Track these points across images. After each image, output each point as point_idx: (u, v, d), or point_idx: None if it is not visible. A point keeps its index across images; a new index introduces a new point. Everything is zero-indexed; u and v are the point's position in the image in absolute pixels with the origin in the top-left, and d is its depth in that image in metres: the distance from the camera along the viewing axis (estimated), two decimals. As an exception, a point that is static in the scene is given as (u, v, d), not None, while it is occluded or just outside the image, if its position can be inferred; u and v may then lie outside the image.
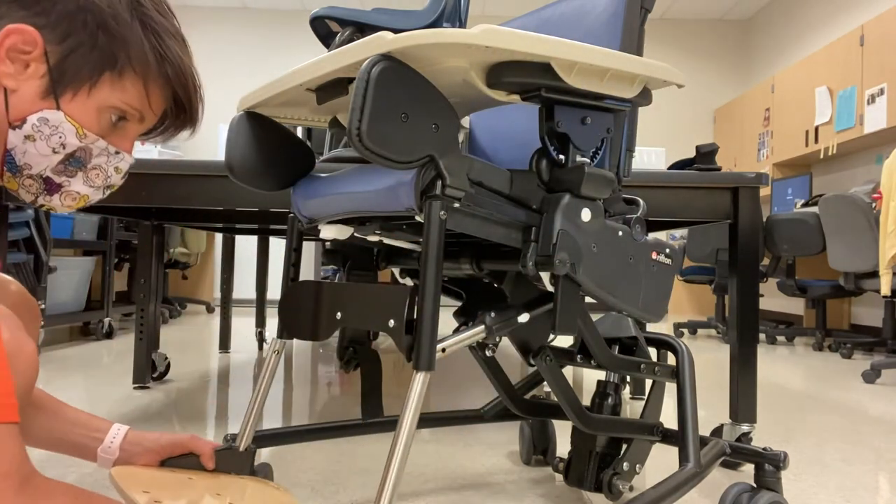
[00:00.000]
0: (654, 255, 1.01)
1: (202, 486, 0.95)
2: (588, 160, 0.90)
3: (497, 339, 1.09)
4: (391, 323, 0.82)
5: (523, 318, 0.98)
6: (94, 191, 0.80)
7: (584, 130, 0.88)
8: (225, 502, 0.90)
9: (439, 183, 0.78)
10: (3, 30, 0.69)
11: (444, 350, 0.86)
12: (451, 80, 0.83)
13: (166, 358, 2.50)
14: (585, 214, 0.90)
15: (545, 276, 0.90)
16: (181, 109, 0.84)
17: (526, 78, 0.79)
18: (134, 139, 0.82)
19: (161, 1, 0.80)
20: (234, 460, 1.04)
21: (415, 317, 0.79)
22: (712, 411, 2.18)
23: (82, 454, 0.94)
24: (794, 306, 5.42)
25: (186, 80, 0.82)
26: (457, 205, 0.80)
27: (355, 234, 1.07)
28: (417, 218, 0.80)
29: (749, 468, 1.37)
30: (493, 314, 0.95)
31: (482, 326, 0.94)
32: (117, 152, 0.79)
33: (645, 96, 0.92)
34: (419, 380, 0.77)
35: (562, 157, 0.89)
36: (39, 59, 0.71)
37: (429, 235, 0.78)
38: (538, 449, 1.53)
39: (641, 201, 1.04)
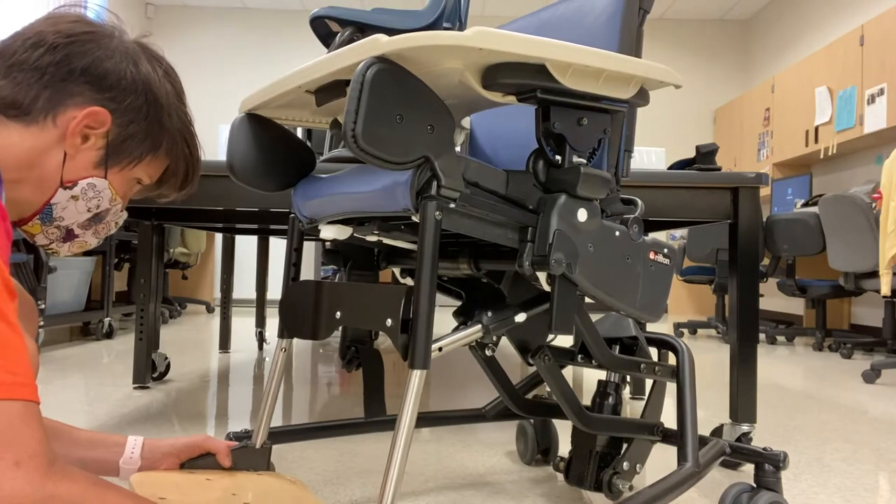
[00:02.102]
0: (651, 255, 1.01)
1: (220, 486, 0.97)
2: (584, 160, 0.90)
3: (495, 339, 1.09)
4: (388, 322, 0.83)
5: (520, 317, 0.98)
6: (97, 241, 0.91)
7: (580, 131, 0.89)
8: (240, 502, 0.92)
9: (435, 183, 0.78)
10: (87, 110, 0.79)
11: (440, 349, 0.86)
12: (448, 82, 0.83)
13: (166, 358, 2.51)
14: (582, 215, 0.90)
15: (542, 275, 0.90)
16: (184, 182, 0.95)
17: (521, 79, 0.79)
18: (133, 194, 0.93)
19: (180, 82, 0.94)
20: (252, 457, 1.07)
21: (410, 316, 0.79)
22: (712, 411, 2.18)
23: (105, 471, 0.97)
24: (794, 306, 5.42)
25: (198, 162, 0.95)
26: (452, 205, 0.81)
27: (355, 234, 1.07)
28: (413, 218, 0.81)
29: (749, 468, 1.37)
30: (489, 314, 0.95)
31: (479, 326, 0.95)
32: (122, 210, 0.91)
33: (642, 97, 0.92)
34: (415, 378, 0.77)
35: (558, 157, 0.89)
36: (101, 136, 0.81)
37: (424, 235, 0.78)
38: (540, 448, 1.53)
39: (639, 201, 1.04)
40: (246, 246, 5.78)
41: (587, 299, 1.02)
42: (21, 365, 0.64)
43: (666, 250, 1.04)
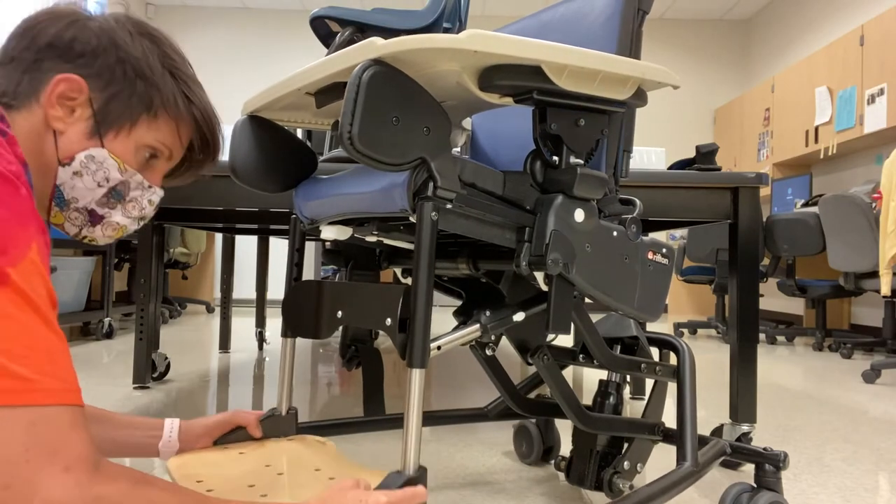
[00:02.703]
0: (650, 255, 1.02)
1: (253, 458, 1.01)
2: (582, 161, 0.91)
3: (494, 338, 1.09)
4: (387, 321, 0.83)
5: (518, 317, 0.99)
6: (131, 221, 0.88)
7: (577, 132, 0.89)
8: (273, 473, 0.96)
9: (431, 184, 0.79)
10: (54, 79, 0.78)
11: (439, 348, 0.87)
12: (445, 84, 0.83)
13: (166, 358, 2.51)
14: (579, 215, 0.90)
15: (539, 275, 0.90)
16: (205, 146, 0.92)
17: (517, 81, 0.80)
18: (162, 174, 0.90)
19: (181, 52, 0.93)
20: (280, 424, 1.11)
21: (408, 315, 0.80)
22: (712, 411, 2.19)
23: (144, 453, 1.02)
24: (794, 306, 5.42)
25: (211, 120, 0.92)
26: (449, 206, 0.81)
27: (355, 235, 1.07)
28: (411, 219, 0.81)
29: (749, 468, 1.38)
30: (488, 313, 0.95)
31: (477, 325, 0.95)
32: (150, 186, 0.88)
33: (639, 98, 0.92)
34: (414, 376, 0.78)
35: (555, 158, 0.89)
36: (85, 105, 0.80)
37: (421, 236, 0.78)
38: (544, 447, 1.53)
39: (638, 201, 1.05)
40: (246, 246, 5.78)
41: (587, 299, 1.02)
42: (68, 371, 0.66)
43: (664, 250, 1.04)
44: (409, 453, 0.78)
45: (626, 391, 2.38)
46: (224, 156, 1.00)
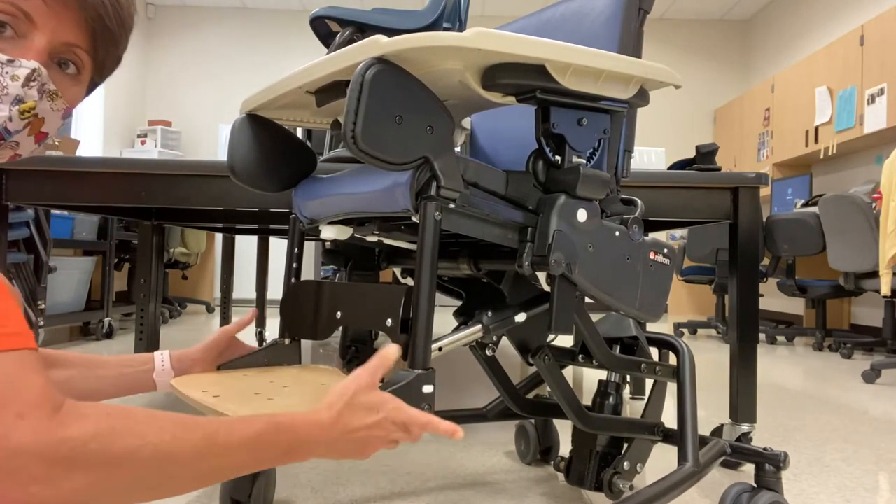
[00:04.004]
0: (651, 255, 1.02)
1: (257, 376, 1.01)
2: (584, 161, 0.91)
3: (495, 339, 1.09)
4: (388, 322, 0.83)
5: (520, 317, 0.98)
6: None
7: (580, 131, 0.89)
8: (279, 386, 0.95)
9: (434, 184, 0.78)
10: None
11: (440, 349, 0.87)
12: (448, 82, 0.83)
13: (166, 358, 2.50)
14: (581, 215, 0.90)
15: (541, 276, 0.90)
16: (103, 26, 0.75)
17: (520, 80, 0.79)
18: (40, 48, 0.72)
19: None
20: (283, 352, 1.10)
21: (410, 316, 0.79)
22: (712, 411, 2.19)
23: (140, 388, 0.99)
24: (794, 306, 5.42)
25: None
26: (452, 205, 0.81)
27: (355, 235, 1.07)
28: (413, 218, 0.81)
29: (749, 468, 1.37)
30: (489, 314, 0.95)
31: (479, 326, 0.95)
32: (10, 60, 0.70)
33: (642, 97, 0.92)
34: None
35: (558, 157, 0.89)
36: None
37: (424, 235, 0.78)
38: (542, 448, 1.53)
39: (639, 201, 1.05)
40: (246, 246, 5.78)
41: (587, 299, 1.02)
42: (9, 317, 0.60)
43: (666, 250, 1.04)
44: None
45: (626, 391, 2.38)
46: (222, 154, 0.99)
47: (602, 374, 1.26)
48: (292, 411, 0.74)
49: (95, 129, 6.11)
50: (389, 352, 0.80)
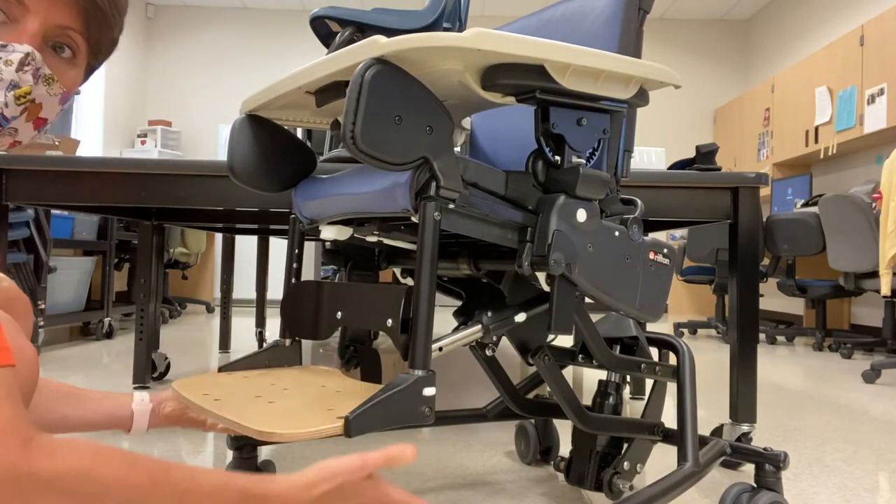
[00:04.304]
0: (651, 255, 1.02)
1: (257, 379, 1.01)
2: (584, 161, 0.91)
3: (495, 339, 1.09)
4: (388, 322, 0.83)
5: (520, 317, 0.98)
6: None
7: (579, 131, 0.89)
8: (280, 388, 0.95)
9: (433, 184, 0.78)
10: None
11: (440, 349, 0.87)
12: (447, 83, 0.83)
13: (166, 358, 2.51)
14: (581, 215, 0.90)
15: (541, 276, 0.90)
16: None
17: (520, 80, 0.79)
18: (33, 32, 0.71)
19: None
20: (284, 353, 1.10)
21: (410, 316, 0.79)
22: (712, 411, 2.19)
23: (117, 424, 0.98)
24: (794, 306, 5.42)
25: None
26: (451, 206, 0.81)
27: (355, 235, 1.07)
28: (413, 219, 0.81)
29: (749, 468, 1.37)
30: (489, 314, 0.95)
31: (479, 326, 0.95)
32: (3, 45, 0.69)
33: (641, 97, 0.92)
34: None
35: (557, 157, 0.89)
36: None
37: (423, 236, 0.78)
38: (542, 448, 1.53)
39: (639, 201, 1.05)
40: (246, 246, 5.78)
41: (587, 299, 1.02)
42: None
43: (666, 250, 1.04)
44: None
45: (626, 391, 2.38)
46: (222, 154, 0.99)
47: (602, 374, 1.26)
48: (270, 479, 0.71)
49: (95, 129, 6.12)
50: (400, 455, 0.74)
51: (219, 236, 6.01)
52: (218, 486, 0.67)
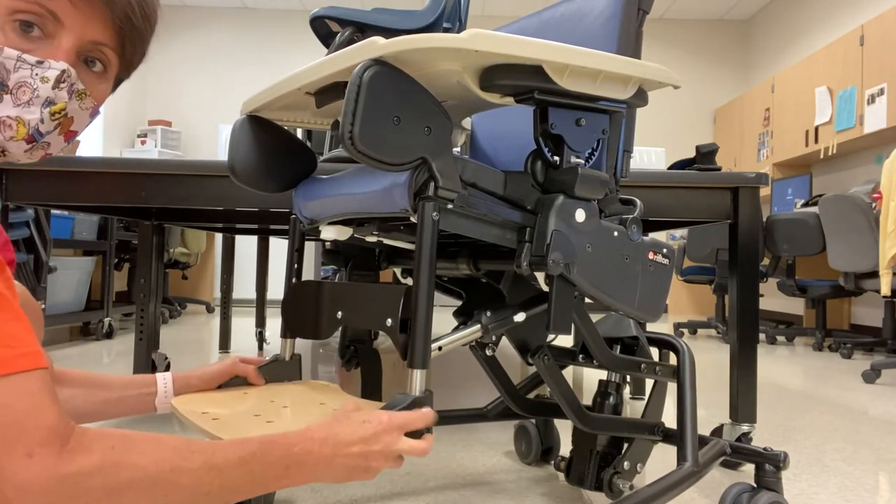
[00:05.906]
0: (650, 255, 1.02)
1: (257, 396, 1.01)
2: (583, 161, 0.91)
3: (495, 339, 1.09)
4: (388, 322, 0.83)
5: (519, 317, 0.98)
6: (27, 110, 0.70)
7: (578, 132, 0.89)
8: (279, 406, 0.95)
9: (432, 184, 0.79)
10: None
11: (440, 348, 0.87)
12: (446, 83, 0.83)
13: (166, 358, 2.50)
14: (580, 215, 0.90)
15: (540, 276, 0.90)
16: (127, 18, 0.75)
17: (518, 80, 0.79)
18: (68, 48, 0.72)
19: None
20: (284, 369, 1.10)
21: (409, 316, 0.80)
22: (712, 411, 2.19)
23: (141, 411, 1.00)
24: (794, 306, 5.42)
25: None
26: (450, 206, 0.81)
27: (355, 235, 1.07)
28: (412, 219, 0.81)
29: (749, 468, 1.37)
30: (489, 314, 0.95)
31: (478, 326, 0.95)
32: (40, 62, 0.69)
33: (640, 97, 0.92)
34: (415, 377, 0.78)
35: (556, 158, 0.89)
36: None
37: (422, 236, 0.78)
38: (543, 448, 1.53)
39: (638, 201, 1.05)
40: (246, 246, 5.78)
41: (587, 299, 1.02)
42: (18, 336, 0.60)
43: (665, 250, 1.04)
44: (415, 376, 0.77)
45: (626, 391, 2.38)
46: (222, 154, 0.99)
47: (602, 374, 1.26)
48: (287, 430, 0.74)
49: (95, 129, 6.11)
50: (423, 417, 0.78)
51: (219, 236, 6.01)
52: (242, 442, 0.71)
